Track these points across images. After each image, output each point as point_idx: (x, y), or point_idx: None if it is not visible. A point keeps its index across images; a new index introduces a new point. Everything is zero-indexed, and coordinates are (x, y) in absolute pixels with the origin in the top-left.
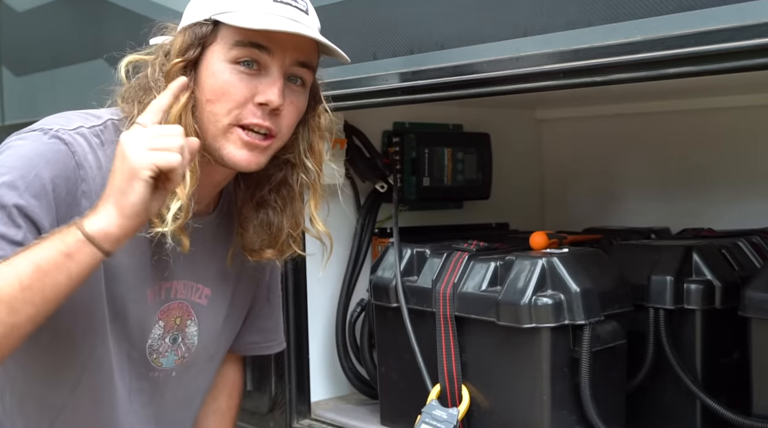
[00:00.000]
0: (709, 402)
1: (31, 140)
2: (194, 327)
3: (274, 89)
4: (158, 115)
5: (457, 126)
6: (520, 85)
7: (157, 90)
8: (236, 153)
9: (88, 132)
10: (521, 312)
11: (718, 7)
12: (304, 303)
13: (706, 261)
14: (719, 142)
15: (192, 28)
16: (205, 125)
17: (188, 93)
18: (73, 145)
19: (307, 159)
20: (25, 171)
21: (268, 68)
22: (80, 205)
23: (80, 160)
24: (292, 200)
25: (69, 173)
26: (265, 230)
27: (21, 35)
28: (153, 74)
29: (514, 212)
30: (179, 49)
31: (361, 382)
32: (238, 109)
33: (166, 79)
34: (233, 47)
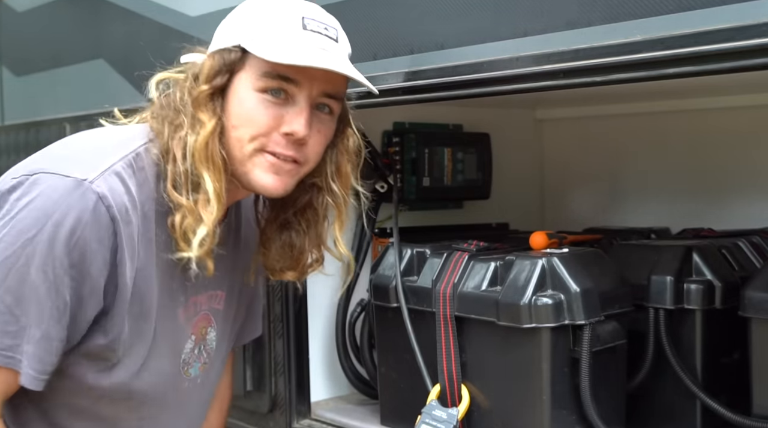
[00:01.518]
0: (709, 402)
1: (65, 193)
2: (213, 333)
3: (300, 120)
4: None
5: (457, 126)
6: (520, 85)
7: (185, 114)
8: (263, 177)
9: (121, 165)
10: (521, 312)
11: (718, 7)
12: (304, 303)
13: (706, 261)
14: (719, 142)
15: (221, 53)
16: (231, 151)
17: (215, 119)
18: (108, 198)
19: (333, 182)
20: (67, 239)
21: (295, 98)
22: (123, 257)
23: (115, 214)
24: (316, 223)
25: (104, 233)
26: (287, 252)
27: (21, 35)
28: (182, 97)
29: (514, 212)
30: (207, 75)
31: (361, 382)
32: (264, 137)
33: (193, 105)
34: (261, 77)
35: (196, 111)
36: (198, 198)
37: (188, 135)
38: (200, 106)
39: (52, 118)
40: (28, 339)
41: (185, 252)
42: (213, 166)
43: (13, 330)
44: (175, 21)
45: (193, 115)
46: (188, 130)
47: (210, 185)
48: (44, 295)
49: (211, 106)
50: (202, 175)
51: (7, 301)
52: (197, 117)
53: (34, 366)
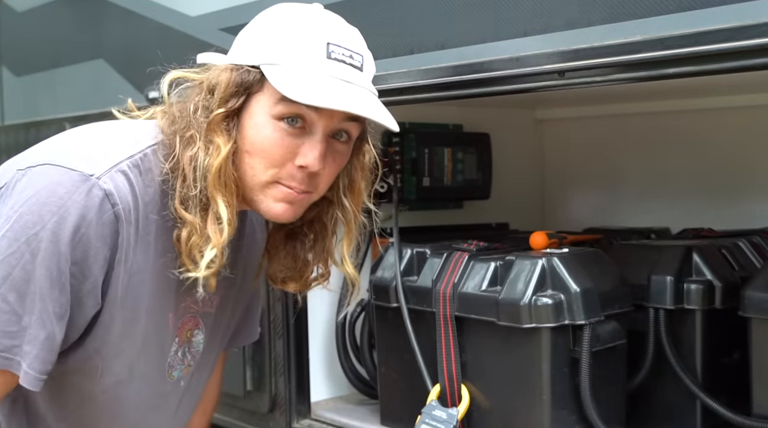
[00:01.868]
0: (709, 402)
1: (72, 189)
2: (201, 336)
3: (315, 153)
4: None
5: (457, 126)
6: (520, 85)
7: (198, 131)
8: (274, 206)
9: (127, 164)
10: (521, 312)
11: (718, 7)
12: (303, 303)
13: (706, 261)
14: (719, 142)
15: (239, 71)
16: (243, 176)
17: (230, 143)
18: (114, 196)
19: (345, 197)
20: (72, 235)
21: (313, 127)
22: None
23: (120, 213)
24: (323, 237)
25: (108, 231)
26: (291, 262)
27: (21, 35)
28: (195, 112)
29: (514, 212)
30: (223, 96)
31: (361, 382)
32: (277, 169)
33: (207, 128)
34: (279, 102)
35: (211, 133)
36: (207, 218)
37: (200, 154)
38: (215, 128)
39: (52, 118)
40: (29, 340)
41: (191, 271)
42: (226, 189)
43: (14, 331)
44: (176, 21)
45: (207, 136)
46: (201, 150)
47: (223, 210)
48: (48, 293)
49: (226, 128)
50: (216, 199)
51: (11, 299)
52: (212, 140)
53: (36, 367)
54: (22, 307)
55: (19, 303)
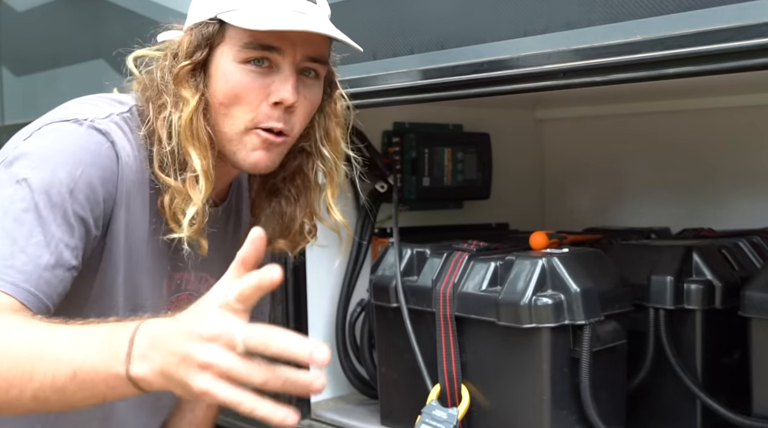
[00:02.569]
0: (709, 402)
1: (67, 131)
2: None
3: (288, 87)
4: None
5: (457, 126)
6: (520, 85)
7: (167, 93)
8: (251, 155)
9: (119, 118)
10: (521, 312)
11: (718, 7)
12: (304, 303)
13: (706, 261)
14: (719, 142)
15: (198, 27)
16: (220, 128)
17: (198, 95)
18: (110, 134)
19: (323, 146)
20: (73, 166)
21: (279, 66)
22: (117, 195)
23: (119, 150)
24: (306, 190)
25: (111, 165)
26: (277, 220)
27: (21, 35)
28: (162, 77)
29: (514, 212)
30: (186, 51)
31: (361, 382)
32: (254, 112)
33: (174, 82)
34: (242, 49)
35: (178, 88)
36: (186, 177)
37: (172, 114)
38: (182, 82)
39: None
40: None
41: (176, 232)
42: (199, 142)
43: (8, 252)
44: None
45: (175, 93)
46: (172, 109)
47: (198, 163)
48: (50, 217)
49: (193, 83)
50: (189, 152)
51: (8, 225)
52: (180, 94)
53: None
54: (20, 232)
55: (17, 228)
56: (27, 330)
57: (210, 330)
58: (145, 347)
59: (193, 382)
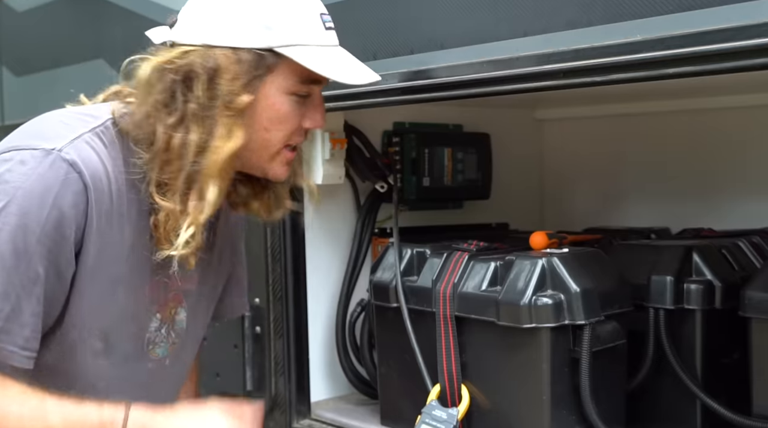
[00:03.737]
0: (709, 402)
1: (34, 165)
2: (183, 314)
3: (321, 114)
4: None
5: (457, 126)
6: (520, 85)
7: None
8: (280, 170)
9: (90, 136)
10: (521, 312)
11: (718, 7)
12: (304, 303)
13: (706, 261)
14: (719, 142)
15: (248, 54)
16: (256, 149)
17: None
18: (78, 163)
19: None
20: (40, 209)
21: (313, 93)
22: (87, 223)
23: (87, 179)
24: None
25: (79, 198)
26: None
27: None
28: (205, 96)
29: (514, 212)
30: (237, 79)
31: (361, 382)
32: (290, 135)
33: (226, 111)
34: (297, 83)
35: (232, 120)
36: (191, 203)
37: (207, 140)
38: (237, 115)
39: None
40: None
41: (166, 250)
42: (226, 176)
43: None
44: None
45: (223, 123)
46: (205, 136)
47: (213, 195)
48: (13, 266)
49: (246, 117)
50: (209, 183)
51: None
52: (230, 127)
53: (5, 339)
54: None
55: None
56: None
57: None
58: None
59: None
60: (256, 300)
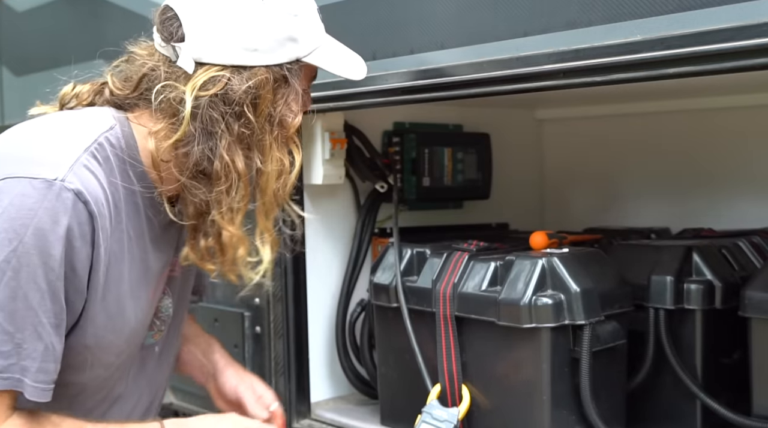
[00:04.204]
0: (709, 402)
1: (39, 198)
2: (168, 300)
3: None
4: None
5: (457, 126)
6: (520, 85)
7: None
8: None
9: (86, 158)
10: (521, 312)
11: (718, 7)
12: (304, 303)
13: (706, 261)
14: (719, 142)
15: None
16: None
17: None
18: (83, 193)
19: None
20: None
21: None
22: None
23: (92, 208)
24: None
25: (86, 228)
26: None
27: (21, 35)
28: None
29: (514, 212)
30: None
31: (361, 382)
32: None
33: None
34: (307, 83)
35: (288, 144)
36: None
37: (267, 165)
38: (292, 137)
39: None
40: (27, 355)
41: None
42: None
43: (7, 350)
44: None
45: (278, 148)
46: (268, 160)
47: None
48: (39, 305)
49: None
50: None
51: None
52: (289, 150)
53: (41, 379)
54: (13, 325)
55: (9, 321)
56: None
57: None
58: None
59: None
60: (256, 300)
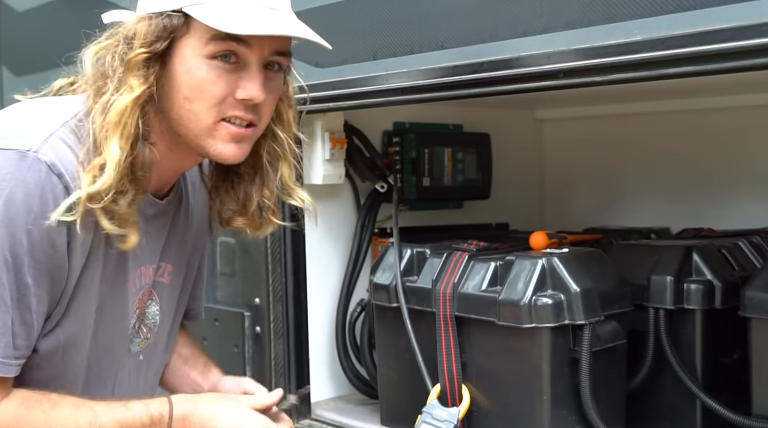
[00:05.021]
0: (709, 402)
1: (12, 170)
2: (155, 307)
3: (256, 84)
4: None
5: (457, 126)
6: (520, 85)
7: (112, 78)
8: (224, 148)
9: (63, 131)
10: (521, 312)
11: (718, 7)
12: (304, 303)
13: (706, 261)
14: (719, 142)
15: (159, 18)
16: (185, 124)
17: (145, 86)
18: (56, 165)
19: (276, 127)
20: (25, 220)
21: (246, 60)
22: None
23: (67, 181)
24: (260, 169)
25: (60, 203)
26: (233, 199)
27: (21, 35)
28: (112, 61)
29: (514, 212)
30: (144, 40)
31: (361, 382)
32: (218, 106)
33: (126, 69)
34: (209, 42)
35: (127, 75)
36: (95, 162)
37: (111, 96)
38: (132, 70)
39: None
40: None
41: (105, 227)
42: (124, 131)
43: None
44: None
45: (120, 79)
46: (112, 93)
47: (115, 152)
48: (5, 279)
49: (143, 72)
50: (109, 138)
51: None
52: (126, 80)
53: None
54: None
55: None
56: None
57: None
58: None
59: None
60: (256, 300)
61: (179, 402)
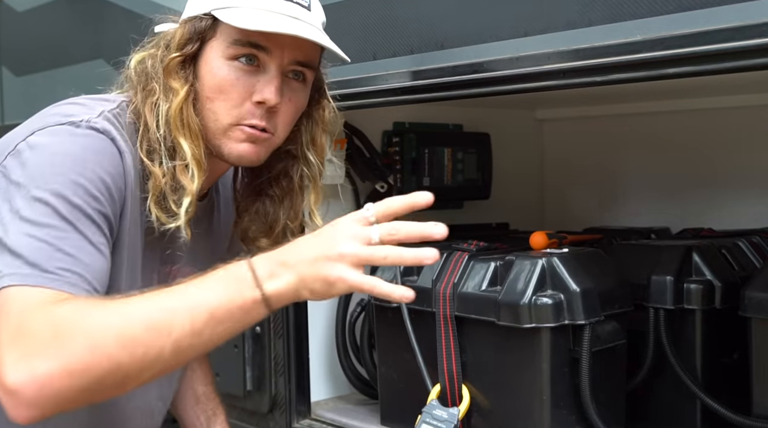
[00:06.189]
0: (709, 402)
1: (67, 135)
2: None
3: (271, 88)
4: (387, 211)
5: (457, 126)
6: (520, 85)
7: (157, 82)
8: (238, 147)
9: (111, 115)
10: (521, 312)
11: (718, 7)
12: (304, 303)
13: (706, 261)
14: (719, 142)
15: (192, 21)
16: (206, 122)
17: (187, 86)
18: (110, 131)
19: (308, 151)
20: (82, 169)
21: (266, 66)
22: (126, 190)
23: (120, 146)
24: (291, 192)
25: (116, 161)
26: (261, 219)
27: (21, 35)
28: (153, 65)
29: (514, 212)
30: (178, 43)
31: (361, 382)
32: (237, 109)
33: (164, 73)
34: (231, 45)
35: (168, 78)
36: (175, 165)
37: (161, 102)
38: (171, 73)
39: None
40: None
41: (170, 223)
42: (190, 131)
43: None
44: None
45: (165, 84)
46: (161, 98)
47: (188, 151)
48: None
49: (182, 74)
50: (179, 141)
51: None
52: (169, 85)
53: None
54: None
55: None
56: (141, 300)
57: (352, 231)
58: (270, 268)
59: (330, 273)
60: None
61: (261, 259)
